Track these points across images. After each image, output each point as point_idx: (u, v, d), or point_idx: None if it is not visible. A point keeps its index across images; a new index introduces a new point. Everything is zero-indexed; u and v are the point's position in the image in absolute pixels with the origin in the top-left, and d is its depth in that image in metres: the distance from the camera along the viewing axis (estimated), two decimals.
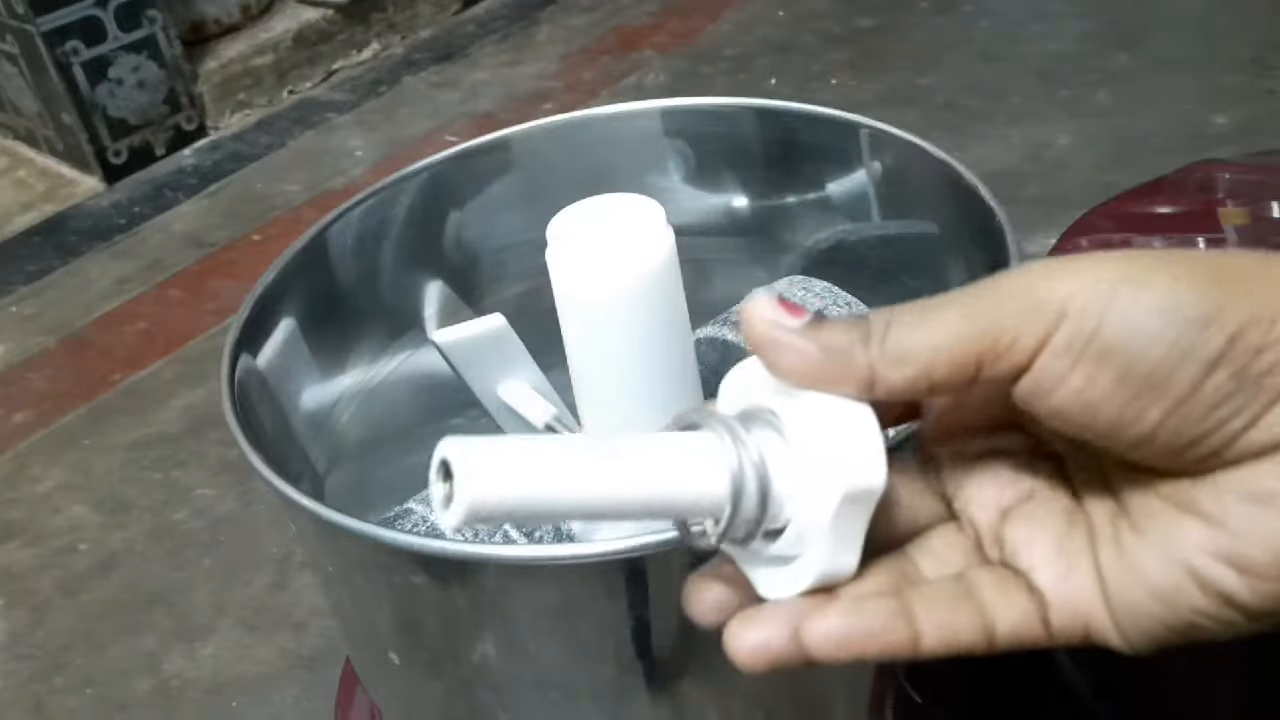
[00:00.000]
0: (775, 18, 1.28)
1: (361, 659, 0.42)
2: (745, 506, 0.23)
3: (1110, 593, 0.23)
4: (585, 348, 0.36)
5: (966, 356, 0.22)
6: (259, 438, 0.37)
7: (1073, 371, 0.21)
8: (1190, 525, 0.22)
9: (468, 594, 0.32)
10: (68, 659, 0.67)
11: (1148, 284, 0.21)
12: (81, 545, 0.76)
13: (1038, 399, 0.22)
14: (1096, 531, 0.24)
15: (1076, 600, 0.23)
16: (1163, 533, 0.22)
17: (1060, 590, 0.23)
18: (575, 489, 0.22)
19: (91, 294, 1.02)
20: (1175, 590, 0.22)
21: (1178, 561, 0.22)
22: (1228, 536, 0.21)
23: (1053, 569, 0.24)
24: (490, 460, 0.21)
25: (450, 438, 0.21)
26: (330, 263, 0.45)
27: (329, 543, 0.35)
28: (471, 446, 0.21)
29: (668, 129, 0.48)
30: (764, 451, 0.23)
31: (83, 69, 1.13)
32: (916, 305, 0.23)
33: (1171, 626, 0.22)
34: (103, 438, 0.85)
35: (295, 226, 1.04)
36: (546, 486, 0.21)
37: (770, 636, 0.23)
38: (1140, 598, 0.22)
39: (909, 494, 0.26)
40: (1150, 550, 0.22)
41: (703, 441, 0.23)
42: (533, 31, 1.36)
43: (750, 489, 0.23)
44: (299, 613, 0.68)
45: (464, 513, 0.21)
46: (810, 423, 0.23)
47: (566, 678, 0.34)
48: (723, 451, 0.23)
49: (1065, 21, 1.14)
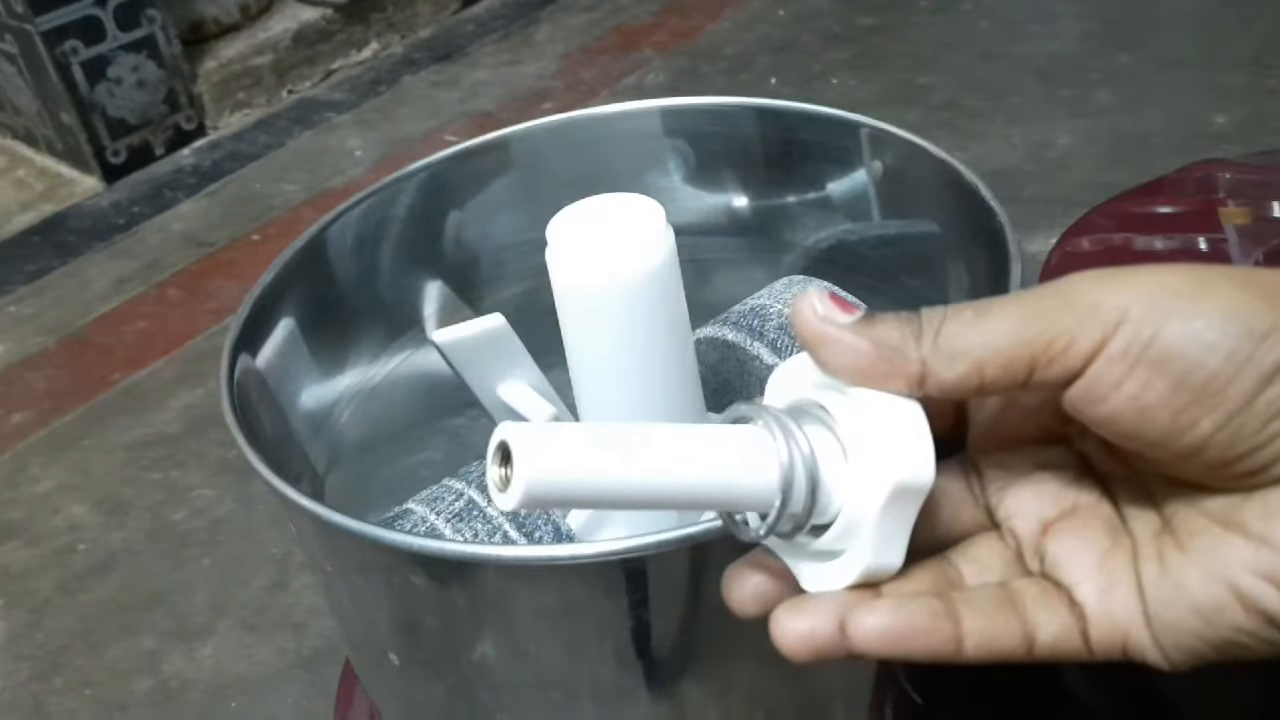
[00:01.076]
0: (775, 17, 1.27)
1: (361, 660, 0.42)
2: (794, 500, 0.23)
3: (1151, 609, 0.23)
4: (585, 348, 0.36)
5: (1020, 358, 0.22)
6: (258, 438, 0.36)
7: (1128, 378, 0.21)
8: (1236, 543, 0.22)
9: (467, 595, 0.32)
10: (67, 659, 0.67)
11: (1208, 294, 0.21)
12: (80, 545, 0.75)
13: (1090, 405, 0.22)
14: (1140, 548, 0.24)
15: (1117, 616, 0.23)
16: (1207, 550, 0.22)
17: (1101, 605, 0.23)
18: (629, 477, 0.22)
19: (90, 294, 1.02)
20: (1218, 608, 0.22)
21: (1221, 579, 0.22)
22: (1273, 555, 0.21)
23: (1094, 584, 0.24)
24: (549, 445, 0.21)
25: (509, 423, 0.22)
26: (329, 263, 0.45)
27: (328, 543, 0.35)
28: (531, 431, 0.21)
29: (667, 128, 0.48)
30: (814, 446, 0.23)
31: (82, 68, 1.13)
32: (972, 304, 0.23)
33: (1212, 644, 0.22)
34: (102, 438, 0.85)
35: (294, 226, 1.04)
36: (602, 473, 0.22)
37: (817, 626, 0.23)
38: (1182, 615, 0.22)
39: (953, 500, 0.26)
40: (1194, 567, 0.22)
41: (754, 435, 0.23)
42: (532, 31, 1.36)
43: (800, 483, 0.23)
44: (298, 613, 0.68)
45: (521, 495, 0.21)
46: (860, 417, 0.23)
47: (566, 678, 0.34)
48: (774, 445, 0.23)
49: (1066, 21, 1.14)
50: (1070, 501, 0.25)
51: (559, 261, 0.35)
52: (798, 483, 0.23)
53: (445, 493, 0.39)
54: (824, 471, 0.23)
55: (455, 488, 0.39)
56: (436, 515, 0.37)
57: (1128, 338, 0.21)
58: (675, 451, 0.23)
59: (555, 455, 0.21)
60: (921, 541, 0.25)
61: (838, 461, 0.23)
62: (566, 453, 0.22)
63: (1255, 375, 0.21)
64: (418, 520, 0.38)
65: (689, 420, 0.37)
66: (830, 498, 0.23)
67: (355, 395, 0.47)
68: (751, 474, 0.23)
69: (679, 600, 0.31)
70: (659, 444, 0.23)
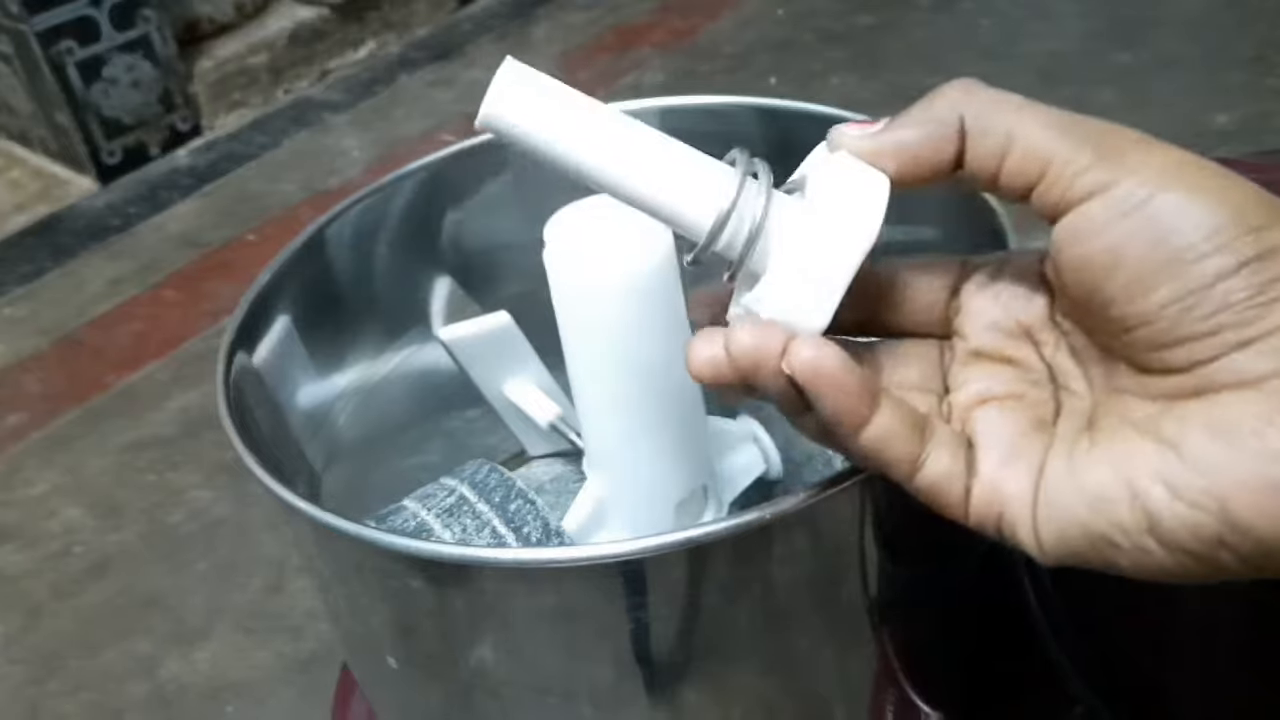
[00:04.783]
0: (774, 16, 1.27)
1: (358, 663, 0.42)
2: (725, 240, 0.24)
3: (1043, 488, 0.24)
4: (583, 348, 0.36)
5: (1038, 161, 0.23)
6: (254, 439, 0.36)
7: (1114, 226, 0.22)
8: (1146, 447, 0.23)
9: (465, 597, 0.32)
10: (62, 663, 0.67)
11: (1218, 180, 0.22)
12: (76, 548, 0.75)
13: (1070, 243, 0.23)
14: (1056, 441, 0.25)
15: (1002, 488, 0.25)
16: (1118, 446, 0.23)
17: (994, 473, 0.25)
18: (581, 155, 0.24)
19: (85, 295, 1.02)
20: (1108, 500, 0.23)
21: (1122, 476, 0.23)
22: (1176, 459, 0.22)
23: (997, 453, 0.25)
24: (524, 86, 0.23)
25: (513, 60, 0.24)
26: (326, 263, 0.45)
27: (325, 546, 0.35)
28: (518, 71, 0.24)
29: (666, 128, 0.47)
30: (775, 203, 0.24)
31: (77, 69, 1.13)
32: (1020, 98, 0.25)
33: (1089, 537, 0.23)
34: (97, 440, 0.84)
35: (291, 227, 1.04)
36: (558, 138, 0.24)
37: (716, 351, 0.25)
38: (1070, 499, 0.23)
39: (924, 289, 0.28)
40: (1099, 463, 0.23)
41: (717, 171, 0.25)
42: (530, 30, 1.36)
43: (739, 230, 0.24)
44: (295, 616, 0.67)
45: (480, 119, 0.24)
46: (822, 183, 0.24)
47: (564, 681, 0.34)
48: (726, 185, 0.24)
49: (1067, 20, 1.14)
50: (1018, 390, 0.26)
51: (557, 262, 0.34)
52: (733, 227, 0.24)
53: (438, 489, 0.39)
54: (770, 228, 0.24)
55: (447, 484, 0.39)
56: (427, 511, 0.37)
57: (1131, 188, 0.22)
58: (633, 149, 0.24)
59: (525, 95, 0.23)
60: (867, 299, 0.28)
61: (788, 223, 0.25)
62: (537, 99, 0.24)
63: (1224, 262, 0.21)
64: (409, 516, 0.38)
65: (689, 424, 0.37)
66: (770, 255, 0.24)
67: (353, 396, 0.47)
68: (692, 199, 0.24)
69: (677, 603, 0.31)
70: (625, 137, 0.24)
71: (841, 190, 0.24)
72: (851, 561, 0.33)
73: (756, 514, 0.29)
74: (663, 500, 0.38)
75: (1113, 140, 0.23)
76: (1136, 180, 0.22)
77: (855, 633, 0.35)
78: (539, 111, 0.24)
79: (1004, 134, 0.24)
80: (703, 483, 0.39)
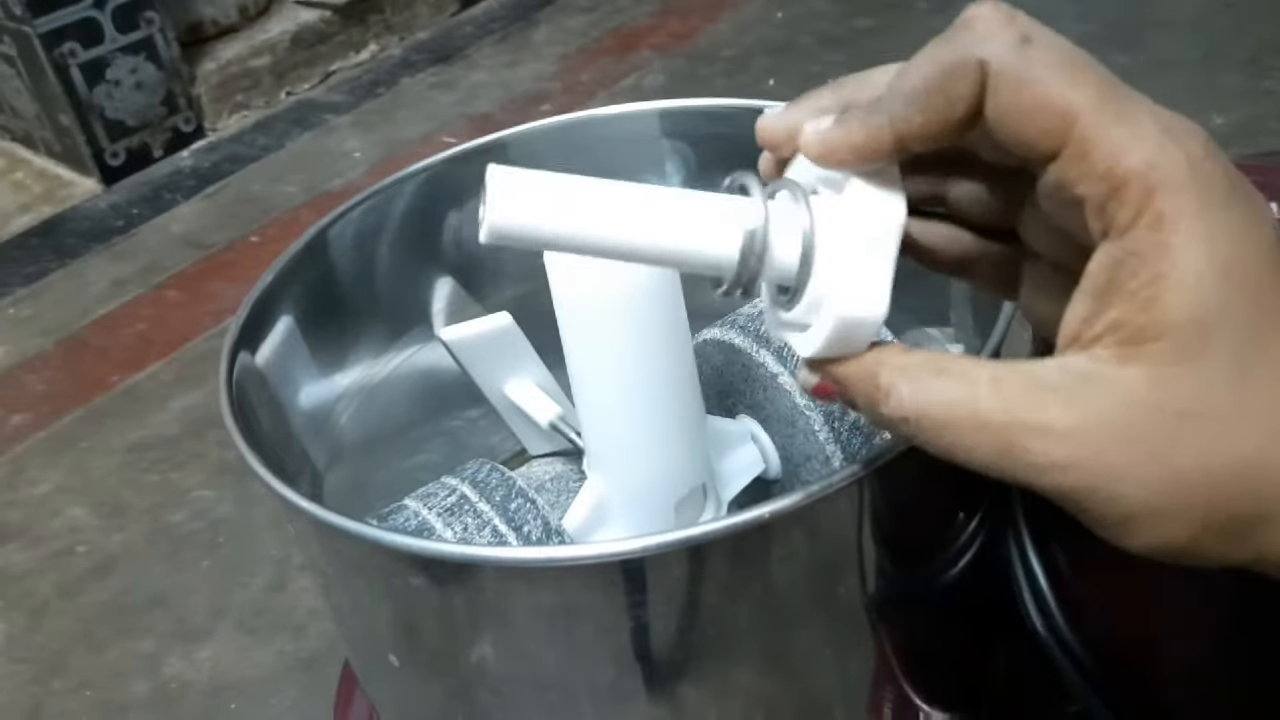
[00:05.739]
0: (773, 18, 1.28)
1: (360, 661, 0.42)
2: (749, 272, 0.24)
3: None
4: (583, 350, 0.36)
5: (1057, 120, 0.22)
6: (257, 439, 0.36)
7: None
8: None
9: (466, 596, 0.32)
10: (66, 662, 0.67)
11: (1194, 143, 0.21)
12: (80, 548, 0.75)
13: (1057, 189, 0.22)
14: None
15: None
16: None
17: None
18: (595, 230, 0.24)
19: (89, 296, 1.02)
20: None
21: None
22: None
23: None
24: (520, 189, 0.24)
25: (498, 166, 0.24)
26: (329, 264, 0.45)
27: (327, 544, 0.35)
28: (508, 175, 0.24)
29: (666, 130, 0.48)
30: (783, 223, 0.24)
31: (80, 70, 1.13)
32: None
33: None
34: (101, 440, 0.85)
35: (293, 228, 1.04)
36: (568, 223, 0.24)
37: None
38: None
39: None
40: None
41: (727, 205, 0.25)
42: (531, 32, 1.36)
43: (755, 257, 0.24)
44: (298, 615, 0.68)
45: (488, 232, 0.24)
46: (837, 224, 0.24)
47: (565, 679, 0.34)
48: (744, 216, 0.24)
49: (1063, 22, 1.13)
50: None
51: (557, 263, 0.35)
52: (753, 258, 0.24)
53: (439, 489, 0.39)
54: (777, 251, 0.24)
55: (449, 484, 0.39)
56: (429, 510, 0.38)
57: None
58: (645, 213, 0.24)
59: (524, 199, 0.23)
60: None
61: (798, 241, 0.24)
62: (535, 198, 0.24)
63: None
64: (410, 515, 0.38)
65: (689, 423, 0.37)
66: (793, 273, 0.25)
67: (354, 396, 0.47)
68: (712, 244, 0.24)
69: (677, 602, 0.31)
70: (632, 204, 0.24)
71: (861, 188, 0.24)
72: (850, 561, 0.33)
73: (756, 513, 0.29)
74: (663, 499, 0.38)
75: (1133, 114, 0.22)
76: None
77: (854, 632, 0.35)
78: (541, 207, 0.24)
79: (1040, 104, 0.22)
80: (702, 482, 0.39)
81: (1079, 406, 0.21)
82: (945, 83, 0.23)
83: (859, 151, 0.24)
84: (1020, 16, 0.23)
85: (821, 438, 0.39)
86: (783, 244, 0.24)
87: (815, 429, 0.39)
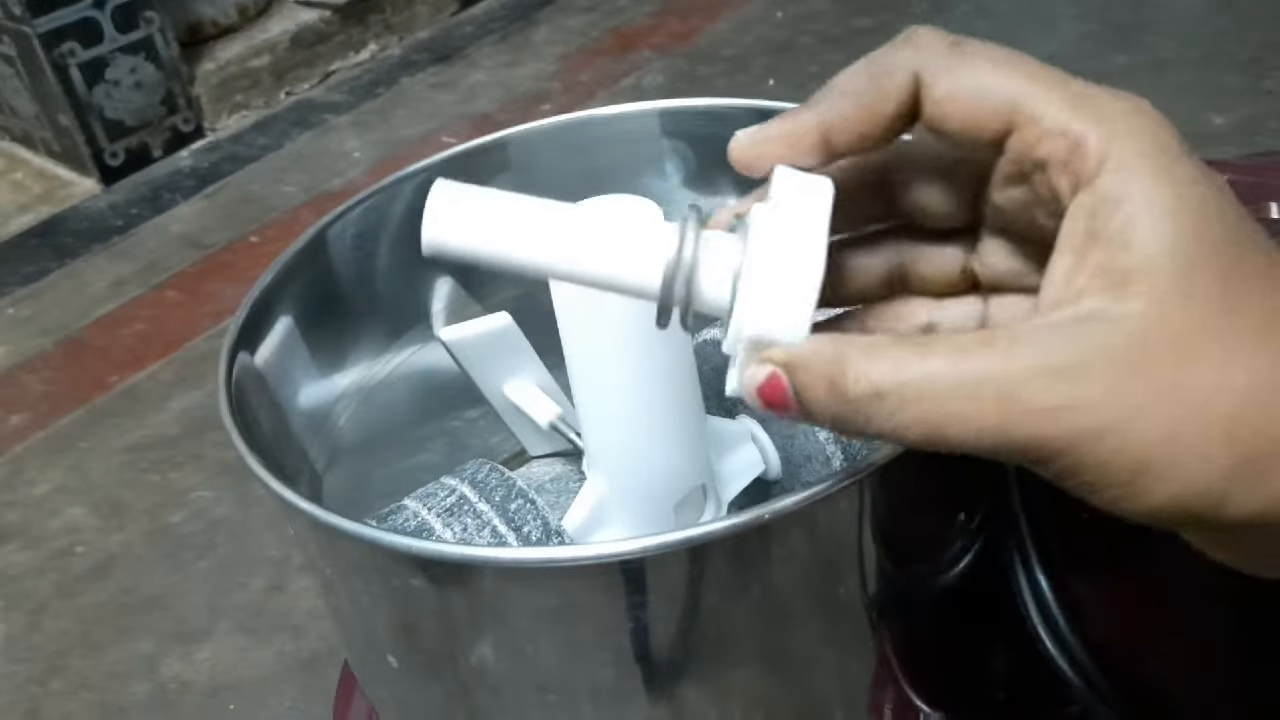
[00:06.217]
0: (773, 18, 1.28)
1: (359, 662, 0.42)
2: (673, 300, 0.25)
3: None
4: (583, 351, 0.36)
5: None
6: (256, 440, 0.36)
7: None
8: None
9: (466, 596, 0.32)
10: (65, 662, 0.67)
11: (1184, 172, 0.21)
12: (79, 548, 0.75)
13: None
14: None
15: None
16: None
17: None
18: (526, 250, 0.25)
19: (88, 296, 1.02)
20: None
21: None
22: None
23: None
24: (457, 205, 0.25)
25: (443, 181, 0.25)
26: (328, 264, 0.45)
27: (326, 545, 0.35)
28: (448, 190, 0.25)
29: (666, 130, 0.48)
30: (713, 240, 0.25)
31: (80, 70, 1.13)
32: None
33: None
34: (100, 440, 0.85)
35: (293, 228, 1.04)
36: (499, 242, 0.25)
37: None
38: None
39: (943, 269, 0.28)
40: None
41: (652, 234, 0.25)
42: (530, 32, 1.36)
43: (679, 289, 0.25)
44: (297, 615, 0.68)
45: (424, 244, 0.25)
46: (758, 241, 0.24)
47: (565, 680, 0.34)
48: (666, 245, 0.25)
49: (1063, 22, 1.14)
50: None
51: None
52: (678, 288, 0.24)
53: (439, 489, 0.39)
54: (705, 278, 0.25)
55: (448, 484, 0.39)
56: (428, 510, 0.37)
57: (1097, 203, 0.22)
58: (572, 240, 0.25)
59: (460, 212, 0.24)
60: None
61: (735, 253, 0.24)
62: (471, 211, 0.24)
63: None
64: (410, 515, 0.38)
65: (689, 424, 0.37)
66: (724, 306, 0.25)
67: (354, 396, 0.47)
68: (634, 269, 0.25)
69: (678, 602, 0.31)
70: (560, 220, 0.25)
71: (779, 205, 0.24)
72: (850, 561, 0.33)
73: (756, 513, 0.29)
74: (662, 500, 0.38)
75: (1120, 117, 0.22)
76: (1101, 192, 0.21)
77: (854, 632, 0.35)
78: (474, 226, 0.25)
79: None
80: (702, 482, 0.39)
81: (1079, 346, 0.21)
82: (876, 80, 0.24)
83: (785, 139, 0.24)
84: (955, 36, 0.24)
85: (822, 437, 0.39)
86: (709, 276, 0.24)
87: (816, 429, 0.39)
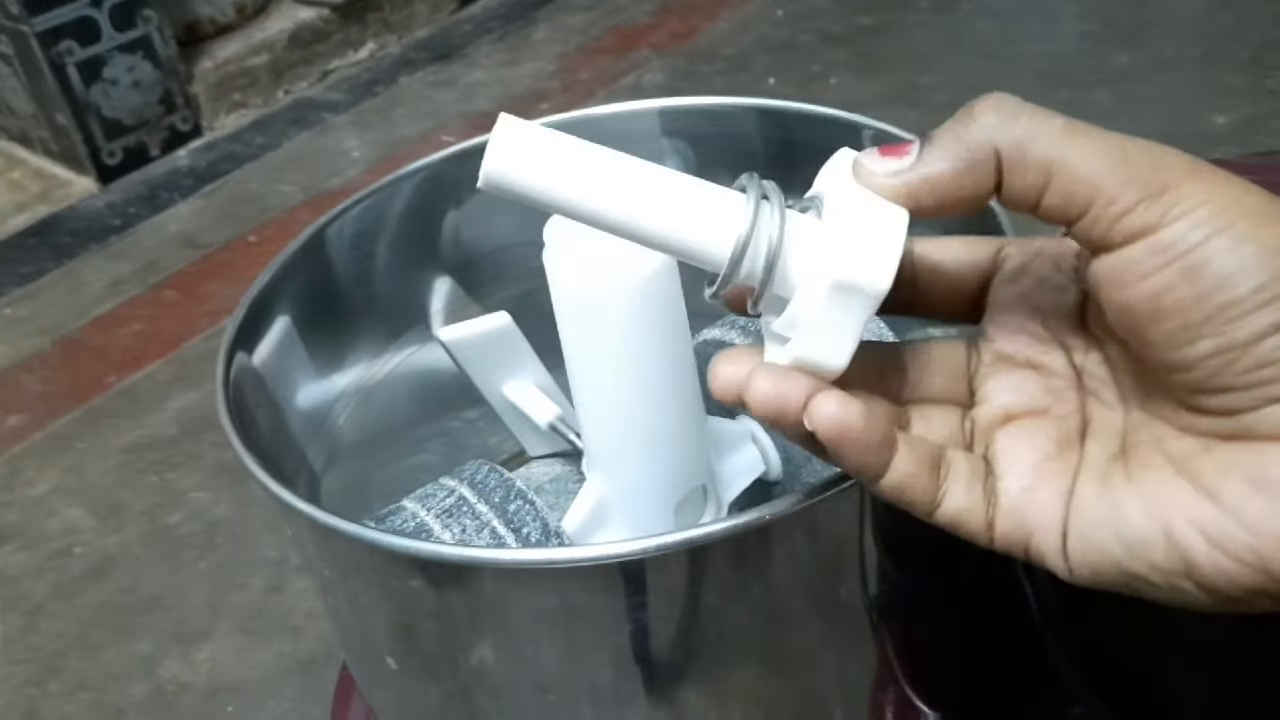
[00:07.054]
0: (774, 17, 1.27)
1: (358, 663, 0.42)
2: (745, 271, 0.24)
3: (1076, 523, 0.24)
4: (583, 350, 0.36)
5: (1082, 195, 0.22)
6: (254, 440, 0.36)
7: (1157, 274, 0.21)
8: (1185, 490, 0.22)
9: (465, 598, 0.32)
10: (63, 663, 0.67)
11: (1264, 224, 0.21)
12: (77, 549, 0.75)
13: (1111, 287, 0.22)
14: (1086, 466, 0.24)
15: (1027, 516, 0.24)
16: (1154, 487, 0.23)
17: (1015, 502, 0.24)
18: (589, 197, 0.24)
19: (86, 296, 1.02)
20: (1144, 542, 0.22)
21: (1159, 518, 0.22)
22: (1217, 511, 0.22)
23: (1018, 481, 0.25)
24: (523, 141, 0.23)
25: (508, 116, 0.23)
26: (326, 264, 0.45)
27: (325, 546, 0.35)
28: (514, 126, 0.23)
29: (666, 129, 0.48)
30: (787, 226, 0.24)
31: (77, 69, 1.13)
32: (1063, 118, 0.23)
33: (1123, 573, 0.23)
34: (97, 440, 0.85)
35: (291, 228, 1.04)
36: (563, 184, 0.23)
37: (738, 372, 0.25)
38: (1108, 539, 0.23)
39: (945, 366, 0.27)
40: (1136, 499, 0.23)
41: (732, 200, 0.24)
42: (530, 31, 1.36)
43: (755, 256, 0.24)
44: (295, 617, 0.67)
45: (483, 179, 0.23)
46: (843, 213, 0.23)
47: (564, 682, 0.34)
48: (742, 212, 0.24)
49: (1065, 21, 1.14)
50: (1043, 404, 0.26)
51: (556, 264, 0.35)
52: (751, 254, 0.24)
53: (438, 490, 0.39)
54: (787, 253, 0.24)
55: (447, 485, 0.39)
56: (427, 511, 0.37)
57: (1177, 234, 0.21)
58: (645, 189, 0.24)
59: (525, 149, 0.23)
60: (893, 389, 0.27)
61: (806, 248, 0.24)
62: (537, 150, 0.23)
63: (1269, 318, 0.21)
64: (408, 516, 0.38)
65: (688, 424, 0.37)
66: (791, 281, 0.24)
67: (352, 397, 0.47)
68: (709, 230, 0.24)
69: (677, 603, 0.31)
70: (631, 174, 0.24)
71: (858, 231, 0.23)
72: (851, 562, 0.33)
73: (756, 514, 0.29)
74: (662, 500, 0.38)
75: (1163, 174, 0.22)
76: (1185, 225, 0.21)
77: (855, 633, 0.35)
78: (541, 163, 0.23)
79: (1045, 166, 0.22)
80: (702, 483, 0.39)
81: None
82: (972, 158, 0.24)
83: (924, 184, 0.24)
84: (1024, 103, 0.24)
85: None
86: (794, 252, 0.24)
87: None
